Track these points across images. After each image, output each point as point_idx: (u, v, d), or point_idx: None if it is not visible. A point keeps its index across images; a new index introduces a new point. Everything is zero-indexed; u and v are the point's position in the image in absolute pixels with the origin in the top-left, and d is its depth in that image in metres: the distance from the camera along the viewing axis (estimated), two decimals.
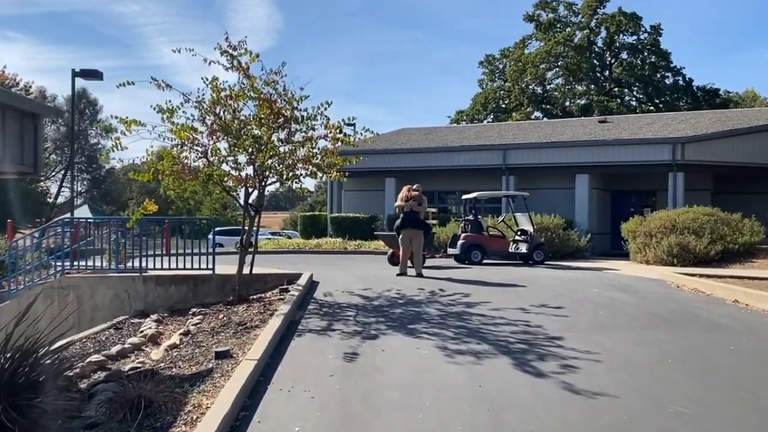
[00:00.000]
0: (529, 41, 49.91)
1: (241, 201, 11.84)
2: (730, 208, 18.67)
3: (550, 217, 20.71)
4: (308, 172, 11.27)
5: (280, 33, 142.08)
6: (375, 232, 18.39)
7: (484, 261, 17.22)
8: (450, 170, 25.21)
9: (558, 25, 48.85)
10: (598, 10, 47.38)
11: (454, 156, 25.24)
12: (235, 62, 10.40)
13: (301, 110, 10.73)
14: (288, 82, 10.65)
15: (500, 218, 18.64)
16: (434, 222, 18.06)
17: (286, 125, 10.71)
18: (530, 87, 49.75)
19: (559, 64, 48.12)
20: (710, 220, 17.59)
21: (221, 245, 31.06)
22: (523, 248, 17.64)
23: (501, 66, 52.66)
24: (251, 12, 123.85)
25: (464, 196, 18.36)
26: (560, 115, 45.85)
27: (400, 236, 13.98)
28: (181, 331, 9.39)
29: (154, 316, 11.16)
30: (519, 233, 18.07)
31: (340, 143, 11.26)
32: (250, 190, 11.47)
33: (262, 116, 10.58)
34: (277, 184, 12.25)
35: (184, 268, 12.96)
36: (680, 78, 46.58)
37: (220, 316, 10.12)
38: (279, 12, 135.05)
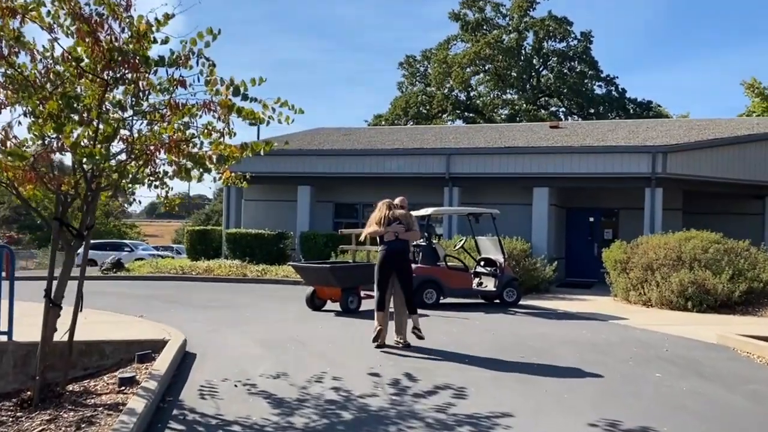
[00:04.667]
0: (454, 42, 46.17)
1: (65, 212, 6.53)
2: (700, 230, 14.75)
3: (508, 239, 16.31)
4: (177, 169, 6.13)
5: (180, 35, 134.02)
6: (290, 263, 13.30)
7: (441, 301, 12.52)
8: (380, 178, 20.42)
9: (485, 27, 45.31)
10: (528, 11, 44.14)
11: (385, 161, 20.48)
12: None
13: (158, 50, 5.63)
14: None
15: (459, 243, 13.96)
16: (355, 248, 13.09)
17: (129, 74, 5.54)
18: (454, 92, 45.89)
19: (487, 68, 44.51)
20: (719, 250, 13.63)
21: (94, 261, 24.95)
22: (489, 285, 13.05)
23: (422, 69, 48.62)
24: (151, 8, 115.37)
25: (413, 213, 13.55)
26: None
27: (378, 280, 8.39)
28: None
29: None
30: (483, 264, 13.47)
31: (234, 118, 6.18)
32: (68, 198, 6.26)
33: (84, 55, 5.42)
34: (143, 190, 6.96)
35: None
36: (613, 88, 43.94)
37: None
38: (180, 15, 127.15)
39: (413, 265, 12.33)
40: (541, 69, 46.25)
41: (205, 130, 6.20)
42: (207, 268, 20.33)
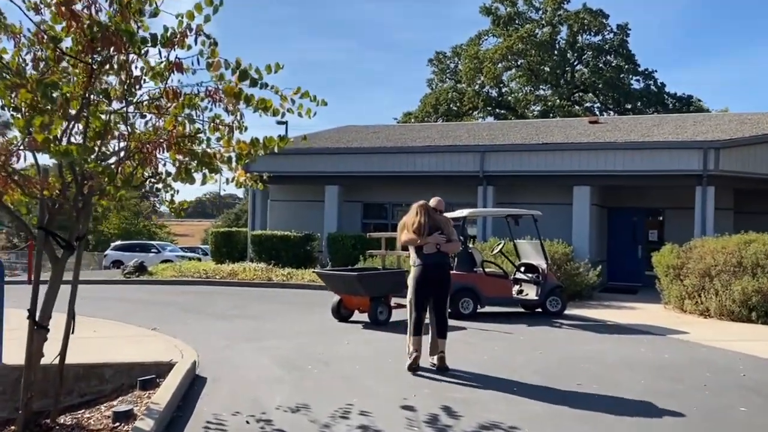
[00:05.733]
0: (486, 37, 44.91)
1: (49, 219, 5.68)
2: (753, 231, 13.43)
3: (549, 242, 15.22)
4: (180, 169, 5.22)
5: (216, 33, 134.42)
6: (314, 270, 12.35)
7: (478, 311, 11.52)
8: (410, 177, 19.44)
9: (517, 21, 44.00)
10: (562, 4, 42.70)
11: (416, 159, 19.48)
12: None
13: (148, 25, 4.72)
14: None
15: (496, 246, 12.91)
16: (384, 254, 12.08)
17: (116, 57, 4.64)
18: (485, 89, 44.65)
19: (520, 63, 43.21)
20: None
21: (121, 263, 24.35)
22: (531, 293, 12.00)
23: (453, 65, 47.46)
24: (182, 10, 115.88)
25: (446, 215, 12.55)
26: None
27: (415, 299, 7.22)
28: None
29: None
30: (523, 270, 12.42)
31: (249, 112, 5.25)
32: (56, 204, 5.42)
33: (63, 35, 4.55)
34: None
35: None
36: (651, 82, 42.30)
37: None
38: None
39: None
40: (575, 63, 44.79)
41: (212, 124, 5.30)
42: (231, 272, 19.57)
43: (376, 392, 6.35)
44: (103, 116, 5.00)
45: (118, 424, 5.41)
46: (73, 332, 5.88)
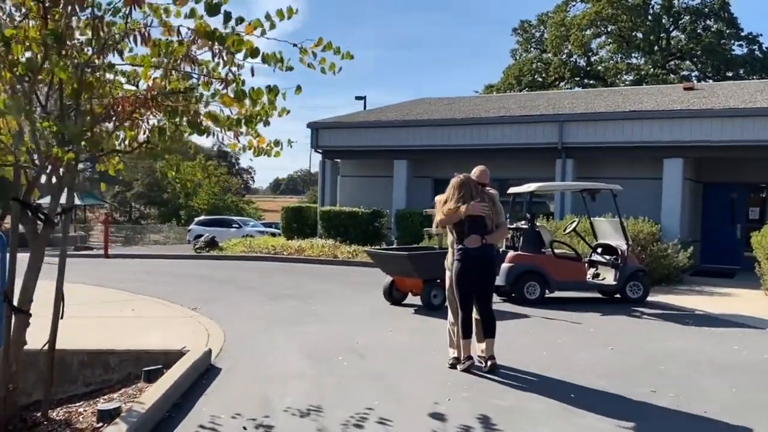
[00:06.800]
0: (573, 3, 42.42)
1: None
2: None
3: (633, 221, 13.77)
4: (153, 130, 4.42)
5: (303, 15, 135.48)
6: (367, 250, 11.46)
7: (547, 296, 10.37)
8: (483, 150, 18.19)
9: None
10: None
11: (488, 131, 18.24)
12: None
13: None
14: None
15: (570, 225, 11.64)
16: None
17: None
18: (572, 58, 42.34)
19: (610, 29, 40.62)
20: None
21: (214, 238, 24.31)
22: (608, 277, 10.71)
23: (538, 34, 45.25)
24: None
25: (512, 190, 11.40)
26: None
27: (460, 295, 6.11)
28: None
29: None
30: (601, 251, 11.13)
31: (242, 60, 4.36)
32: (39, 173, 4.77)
33: None
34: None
35: None
36: (756, 47, 38.83)
37: None
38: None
39: (511, 253, 10.32)
40: (671, 29, 41.69)
41: (202, 77, 4.47)
42: (298, 248, 19.08)
43: (405, 393, 5.44)
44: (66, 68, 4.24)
45: (101, 424, 4.75)
46: (62, 317, 5.25)
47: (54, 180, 4.77)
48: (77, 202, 36.40)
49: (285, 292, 11.69)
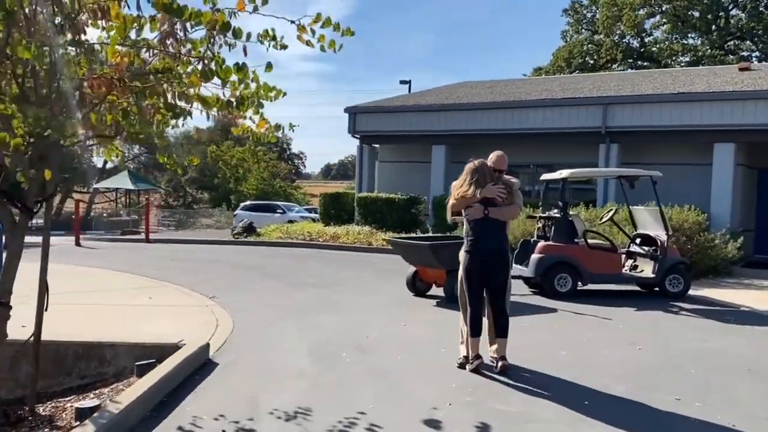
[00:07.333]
0: None
1: None
2: None
3: (678, 209, 13.02)
4: (116, 112, 4.12)
5: (359, 1, 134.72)
6: (387, 239, 11.08)
7: (579, 289, 9.84)
8: (522, 135, 17.60)
9: None
10: None
11: (528, 114, 17.59)
12: None
13: None
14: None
15: (607, 213, 11.01)
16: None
17: None
18: (625, 39, 40.83)
19: (665, 9, 39.00)
20: None
21: (252, 224, 24.35)
22: (647, 269, 10.10)
23: (589, 15, 43.79)
24: None
25: (544, 176, 10.86)
26: None
27: (468, 289, 5.76)
28: None
29: None
30: (639, 242, 10.51)
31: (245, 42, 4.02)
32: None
33: None
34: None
35: None
36: None
37: None
38: None
39: (541, 243, 9.82)
40: (730, 7, 39.74)
41: (178, 55, 4.16)
42: (333, 235, 18.87)
43: (405, 395, 5.08)
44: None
45: (78, 423, 4.53)
46: (46, 309, 5.06)
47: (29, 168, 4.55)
48: (130, 186, 37.11)
49: (310, 280, 11.44)
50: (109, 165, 57.56)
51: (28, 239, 5.05)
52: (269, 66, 4.17)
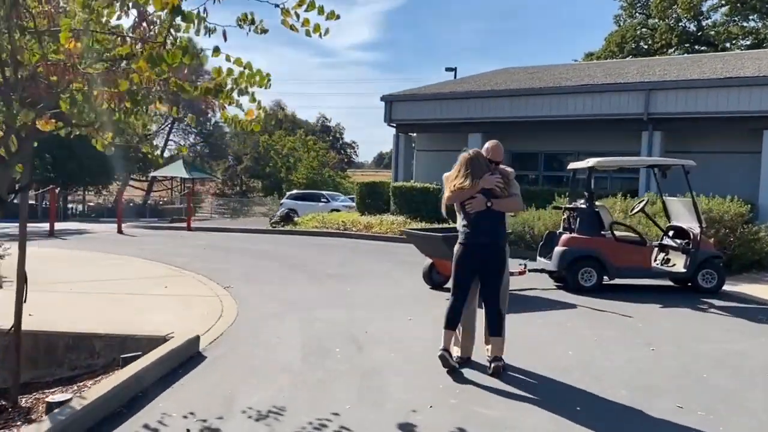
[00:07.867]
0: None
1: None
2: None
3: (719, 200, 12.35)
4: (65, 99, 3.99)
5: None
6: (403, 230, 10.77)
7: (606, 283, 9.41)
8: (561, 122, 17.07)
9: None
10: None
11: (567, 101, 17.04)
12: None
13: None
14: None
15: (637, 206, 10.50)
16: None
17: None
18: (681, 23, 39.33)
19: None
20: None
21: (294, 212, 24.49)
22: (678, 263, 9.58)
23: None
24: None
25: (572, 165, 10.41)
26: None
27: (456, 278, 5.45)
28: None
29: None
30: (671, 234, 9.99)
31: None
32: None
33: None
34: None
35: None
36: None
37: None
38: None
39: (565, 235, 9.42)
40: None
41: (138, 39, 4.01)
42: (367, 225, 18.73)
43: (386, 396, 4.85)
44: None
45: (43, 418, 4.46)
46: (25, 301, 5.01)
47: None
48: (185, 175, 37.76)
49: (331, 270, 11.29)
50: (166, 153, 58.66)
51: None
52: (216, 50, 3.97)
